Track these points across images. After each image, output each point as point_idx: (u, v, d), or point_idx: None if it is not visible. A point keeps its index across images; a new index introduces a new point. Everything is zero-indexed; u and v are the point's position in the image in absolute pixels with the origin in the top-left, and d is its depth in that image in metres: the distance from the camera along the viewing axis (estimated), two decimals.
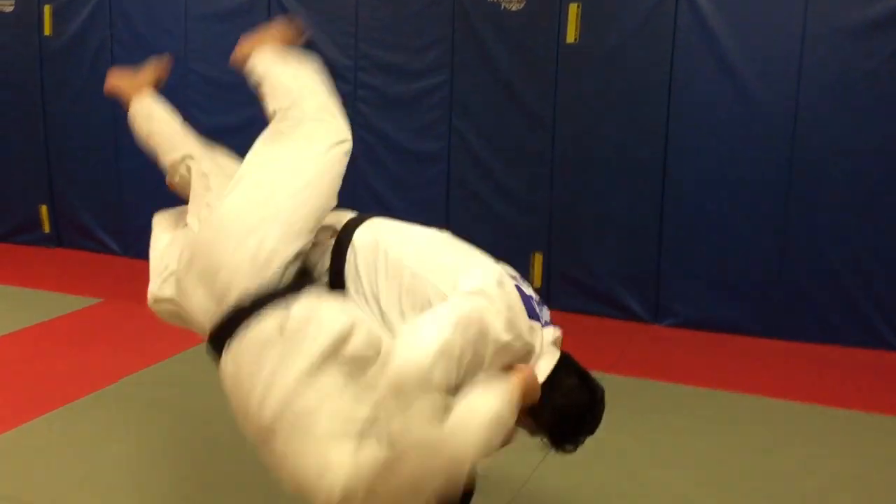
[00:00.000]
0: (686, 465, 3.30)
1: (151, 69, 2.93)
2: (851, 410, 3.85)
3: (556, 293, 5.12)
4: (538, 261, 5.21)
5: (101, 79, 5.95)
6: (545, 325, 2.15)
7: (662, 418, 3.72)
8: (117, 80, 2.92)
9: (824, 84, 4.52)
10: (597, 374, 2.21)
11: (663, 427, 3.63)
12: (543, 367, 2.06)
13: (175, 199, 6.39)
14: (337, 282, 2.09)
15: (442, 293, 1.97)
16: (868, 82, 4.45)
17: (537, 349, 2.07)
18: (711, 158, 4.78)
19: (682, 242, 4.93)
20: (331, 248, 2.14)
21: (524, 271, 4.37)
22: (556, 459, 2.22)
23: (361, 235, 2.17)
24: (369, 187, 5.49)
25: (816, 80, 4.53)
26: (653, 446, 3.44)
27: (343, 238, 2.16)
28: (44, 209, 6.46)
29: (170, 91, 5.80)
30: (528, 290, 2.18)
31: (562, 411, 2.08)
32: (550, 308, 2.36)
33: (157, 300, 2.37)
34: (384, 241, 2.15)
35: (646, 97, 4.83)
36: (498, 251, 2.44)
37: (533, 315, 2.09)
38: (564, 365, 2.11)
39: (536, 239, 5.21)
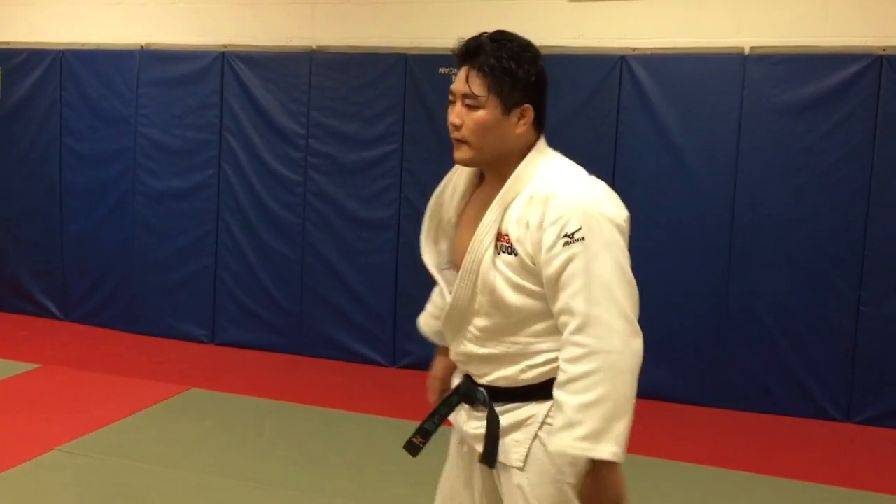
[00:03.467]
0: None
1: None
2: (788, 479, 3.89)
3: None
4: None
5: (50, 141, 6.06)
6: None
7: None
8: None
9: (762, 159, 4.70)
10: None
11: None
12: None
13: (122, 267, 6.33)
14: None
15: None
16: (804, 158, 4.63)
17: None
18: (653, 230, 4.90)
19: None
20: None
21: None
22: None
23: None
24: (319, 254, 5.49)
25: (754, 156, 4.71)
26: None
27: None
28: None
29: (120, 155, 5.92)
30: None
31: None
32: None
33: None
34: None
35: (590, 171, 4.92)
36: None
37: None
38: None
39: None
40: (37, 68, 6.04)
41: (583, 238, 1.71)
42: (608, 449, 1.68)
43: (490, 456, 1.86)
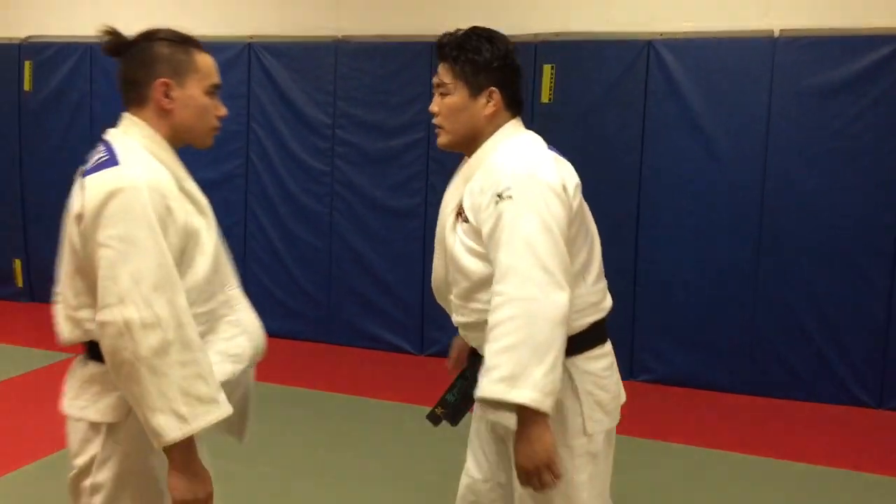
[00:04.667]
0: None
1: None
2: (819, 466, 3.87)
3: None
4: None
5: (80, 134, 6.13)
6: None
7: (636, 473, 3.71)
8: None
9: (791, 143, 4.64)
10: None
11: (631, 481, 3.63)
12: None
13: None
14: None
15: None
16: (835, 142, 4.57)
17: None
18: (684, 216, 4.87)
19: (655, 299, 4.98)
20: None
21: None
22: None
23: None
24: (347, 243, 5.52)
25: (784, 140, 4.65)
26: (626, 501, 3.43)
27: None
28: (17, 263, 6.41)
29: None
30: None
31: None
32: None
33: None
34: None
35: (618, 157, 4.92)
36: None
37: None
38: None
39: None
40: (67, 62, 6.11)
41: (510, 197, 1.79)
42: (524, 393, 1.69)
43: (454, 413, 2.02)
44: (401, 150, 5.36)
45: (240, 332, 1.90)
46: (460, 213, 1.94)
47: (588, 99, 4.95)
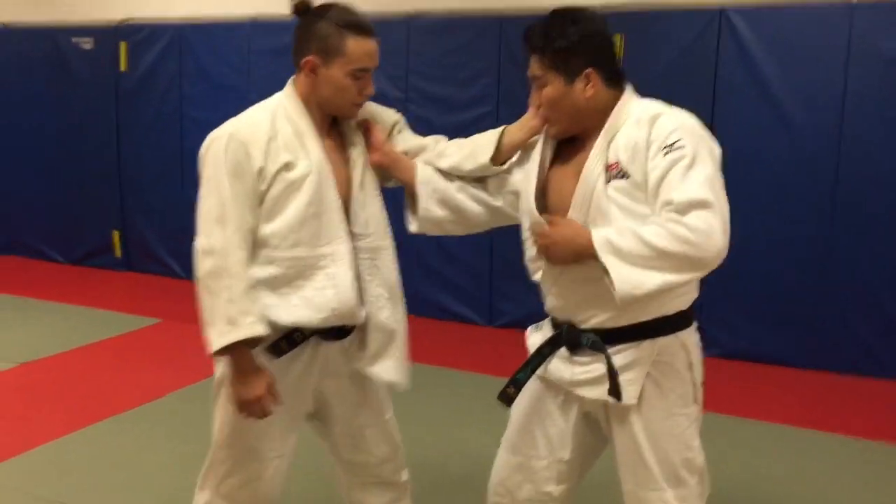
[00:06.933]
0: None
1: None
2: (890, 445, 3.76)
3: None
4: None
5: (170, 112, 6.44)
6: None
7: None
8: None
9: (868, 111, 4.48)
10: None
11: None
12: None
13: None
14: None
15: None
16: None
17: None
18: (755, 186, 4.75)
19: (725, 273, 4.86)
20: None
21: None
22: None
23: None
24: None
25: (860, 107, 4.49)
26: None
27: None
28: (116, 235, 6.81)
29: None
30: None
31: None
32: None
33: None
34: None
35: None
36: None
37: None
38: None
39: None
40: (158, 43, 6.42)
41: (682, 146, 1.83)
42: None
43: (616, 391, 1.94)
44: (469, 123, 5.40)
45: (331, 285, 2.09)
46: (608, 168, 1.91)
47: (658, 69, 4.88)
